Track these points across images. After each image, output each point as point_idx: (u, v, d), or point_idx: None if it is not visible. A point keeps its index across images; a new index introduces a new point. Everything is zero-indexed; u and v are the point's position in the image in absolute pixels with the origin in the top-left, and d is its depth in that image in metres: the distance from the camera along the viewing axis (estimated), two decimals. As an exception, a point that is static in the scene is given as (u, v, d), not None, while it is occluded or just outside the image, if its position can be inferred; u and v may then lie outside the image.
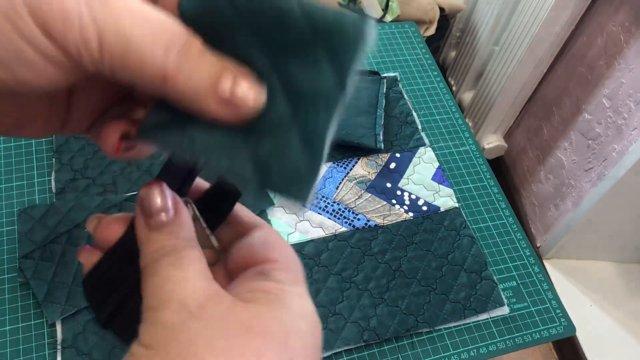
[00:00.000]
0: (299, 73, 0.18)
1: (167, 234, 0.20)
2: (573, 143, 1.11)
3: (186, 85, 0.17)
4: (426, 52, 0.71)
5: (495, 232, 0.56)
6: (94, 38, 0.15)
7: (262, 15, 0.18)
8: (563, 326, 0.52)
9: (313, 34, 0.17)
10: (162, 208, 0.20)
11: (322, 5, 0.18)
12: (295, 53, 0.18)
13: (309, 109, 0.18)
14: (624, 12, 0.96)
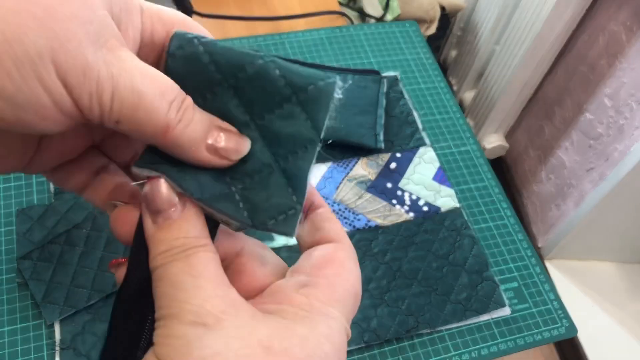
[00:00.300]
0: (277, 123, 0.21)
1: (176, 232, 0.18)
2: (574, 143, 1.10)
3: (183, 137, 0.18)
4: (427, 51, 0.71)
5: (496, 233, 0.56)
6: (109, 91, 0.17)
7: (243, 73, 0.20)
8: (565, 327, 0.51)
9: (289, 91, 0.20)
10: (169, 203, 0.19)
11: (295, 66, 0.21)
12: (273, 106, 0.20)
13: (288, 154, 0.21)
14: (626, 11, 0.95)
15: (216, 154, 0.19)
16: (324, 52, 0.68)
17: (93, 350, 0.44)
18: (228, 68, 0.20)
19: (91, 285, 0.46)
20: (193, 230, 0.19)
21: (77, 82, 0.16)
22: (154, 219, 0.19)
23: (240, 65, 0.20)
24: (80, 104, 0.16)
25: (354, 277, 0.21)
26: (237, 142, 0.20)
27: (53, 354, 0.43)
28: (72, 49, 0.15)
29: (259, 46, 0.67)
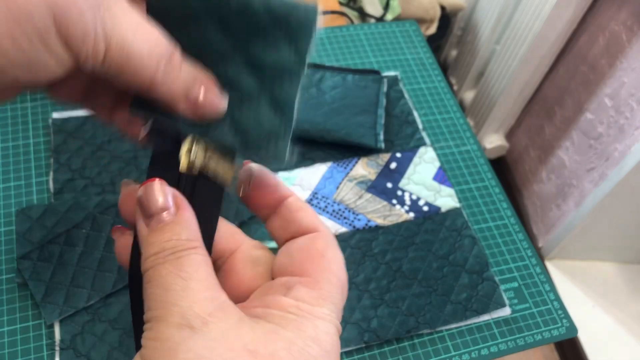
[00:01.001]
0: (261, 53, 0.21)
1: (168, 234, 0.18)
2: (575, 143, 1.10)
3: (165, 91, 0.20)
4: (427, 51, 0.71)
5: (496, 233, 0.56)
6: (102, 50, 0.18)
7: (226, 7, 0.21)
8: (565, 327, 0.51)
9: (272, 21, 0.21)
10: (162, 206, 0.19)
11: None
12: (257, 36, 0.21)
13: (275, 81, 0.21)
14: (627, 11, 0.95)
15: (193, 111, 0.21)
16: (324, 52, 0.68)
17: (93, 351, 0.44)
18: (213, 2, 0.21)
19: (91, 286, 0.46)
20: (185, 233, 0.19)
21: (76, 44, 0.18)
22: (147, 222, 0.19)
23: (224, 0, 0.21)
24: (77, 59, 0.18)
25: (337, 266, 0.20)
26: (214, 101, 0.21)
27: (53, 354, 0.43)
28: (73, 18, 0.17)
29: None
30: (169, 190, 0.20)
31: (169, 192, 0.20)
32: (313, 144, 0.58)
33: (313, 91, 0.61)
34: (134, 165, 0.54)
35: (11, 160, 0.53)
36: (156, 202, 0.19)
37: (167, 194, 0.19)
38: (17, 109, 0.57)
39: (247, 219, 0.51)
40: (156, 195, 0.19)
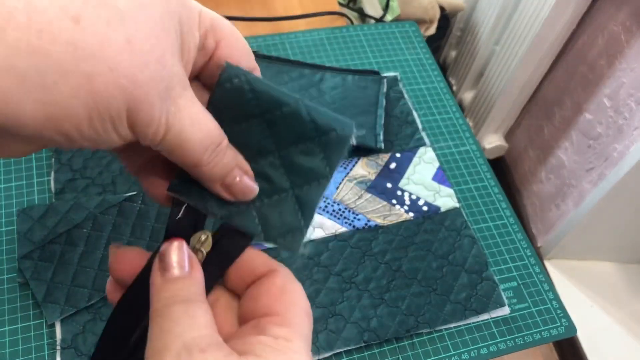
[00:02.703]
0: (297, 156, 0.24)
1: (181, 285, 0.21)
2: (574, 143, 1.11)
3: (207, 172, 0.23)
4: (426, 51, 0.71)
5: (496, 233, 0.56)
6: (162, 134, 0.20)
7: (278, 111, 0.24)
8: (564, 327, 0.51)
9: (314, 131, 0.24)
10: (179, 264, 0.22)
11: (323, 110, 0.24)
12: (298, 141, 0.24)
13: (304, 184, 0.24)
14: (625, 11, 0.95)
15: (227, 191, 0.24)
16: (324, 53, 0.68)
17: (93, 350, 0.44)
18: (267, 104, 0.23)
19: (92, 285, 0.46)
20: (194, 288, 0.22)
21: (141, 129, 0.20)
22: (162, 273, 0.22)
23: (277, 104, 0.24)
24: (138, 139, 0.21)
25: (299, 298, 0.23)
26: (248, 187, 0.24)
27: (54, 354, 0.43)
28: (145, 109, 0.19)
29: (258, 46, 0.67)
30: (187, 252, 0.23)
31: (187, 253, 0.23)
32: (313, 144, 0.59)
33: (313, 92, 0.61)
34: (134, 165, 0.54)
35: (12, 160, 0.54)
36: (175, 259, 0.22)
37: (185, 255, 0.22)
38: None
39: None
40: (175, 253, 0.22)
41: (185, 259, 0.22)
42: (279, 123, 0.24)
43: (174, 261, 0.22)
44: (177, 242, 0.23)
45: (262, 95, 0.23)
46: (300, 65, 0.63)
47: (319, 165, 0.24)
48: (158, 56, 0.19)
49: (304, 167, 0.24)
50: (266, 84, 0.24)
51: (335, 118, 0.24)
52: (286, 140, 0.24)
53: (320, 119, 0.24)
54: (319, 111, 0.24)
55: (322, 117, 0.24)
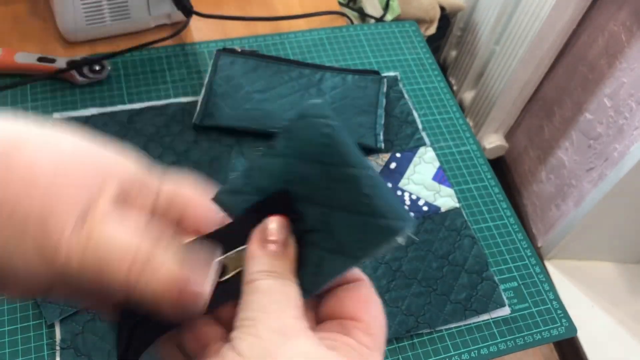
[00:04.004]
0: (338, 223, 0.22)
1: (279, 262, 0.22)
2: (574, 143, 1.10)
3: (146, 293, 0.21)
4: (427, 51, 0.71)
5: (496, 233, 0.56)
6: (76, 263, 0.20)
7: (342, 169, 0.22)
8: (564, 327, 0.51)
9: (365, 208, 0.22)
10: (279, 240, 0.22)
11: (386, 190, 0.22)
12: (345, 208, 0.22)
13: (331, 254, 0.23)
14: (626, 11, 0.95)
15: (177, 308, 0.21)
16: (324, 52, 0.68)
17: (93, 350, 0.44)
18: (336, 157, 0.22)
19: (91, 285, 0.46)
20: (289, 267, 0.22)
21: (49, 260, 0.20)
22: (261, 244, 0.22)
23: (345, 161, 0.22)
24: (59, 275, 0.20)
25: (381, 311, 0.23)
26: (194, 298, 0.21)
27: (54, 354, 0.43)
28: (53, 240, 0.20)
29: (258, 46, 0.67)
30: (287, 230, 0.23)
31: (286, 232, 0.23)
32: (313, 144, 0.59)
33: (313, 91, 0.61)
34: (134, 165, 0.54)
35: (12, 160, 0.53)
36: (276, 234, 0.22)
37: (285, 232, 0.23)
38: (18, 109, 0.57)
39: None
40: (277, 229, 0.23)
41: (284, 237, 0.23)
42: (337, 181, 0.22)
43: (274, 236, 0.22)
44: (280, 219, 0.23)
45: (335, 146, 0.23)
46: (300, 65, 0.63)
47: (352, 245, 0.22)
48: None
49: (338, 238, 0.22)
50: (347, 139, 0.23)
51: (395, 207, 0.22)
52: (336, 202, 0.23)
53: (379, 199, 0.22)
54: (382, 190, 0.22)
55: (382, 198, 0.22)
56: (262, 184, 0.24)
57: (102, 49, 0.64)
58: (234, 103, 0.59)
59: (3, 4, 0.67)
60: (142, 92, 0.61)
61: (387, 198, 0.22)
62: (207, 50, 0.66)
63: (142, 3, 0.63)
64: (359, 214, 0.22)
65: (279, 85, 0.61)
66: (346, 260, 0.22)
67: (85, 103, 0.58)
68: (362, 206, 0.22)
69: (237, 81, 0.60)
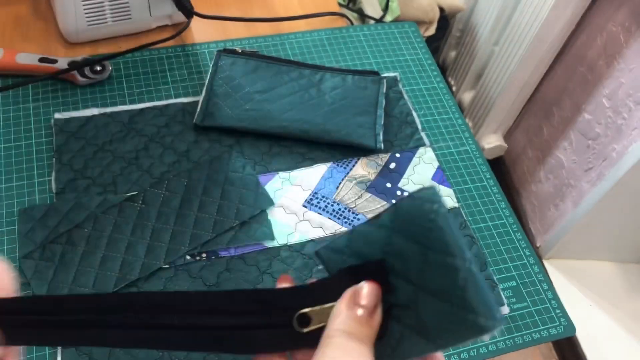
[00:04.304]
0: (426, 307, 0.23)
1: (359, 326, 0.23)
2: (573, 143, 1.11)
3: None
4: (426, 52, 0.71)
5: (495, 232, 0.57)
6: None
7: (440, 256, 0.23)
8: (563, 326, 0.52)
9: (457, 299, 0.22)
10: (368, 306, 0.23)
11: (483, 286, 0.22)
12: (437, 295, 0.22)
13: (412, 335, 0.23)
14: (624, 12, 0.96)
15: None
16: (324, 53, 0.68)
17: (94, 349, 0.44)
18: (436, 242, 0.23)
19: (92, 285, 0.46)
20: (369, 333, 0.23)
21: None
22: (349, 306, 0.23)
23: (445, 249, 0.23)
24: None
25: None
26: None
27: (55, 353, 0.43)
28: None
29: (259, 47, 0.68)
30: (377, 297, 0.24)
31: (376, 299, 0.24)
32: (313, 144, 0.59)
33: (313, 92, 0.62)
34: (135, 165, 0.55)
35: (13, 160, 0.54)
36: (366, 299, 0.24)
37: (374, 299, 0.24)
38: (20, 110, 0.57)
39: (248, 219, 0.52)
40: (369, 295, 0.24)
41: (373, 304, 0.24)
42: (434, 266, 0.23)
43: (364, 301, 0.23)
44: (373, 285, 0.24)
45: (439, 232, 0.23)
46: (300, 65, 0.64)
47: (436, 331, 0.22)
48: None
49: (425, 320, 0.23)
50: (452, 227, 0.23)
51: (488, 303, 0.22)
52: (429, 285, 0.23)
53: (473, 293, 0.22)
54: (477, 285, 0.22)
55: (476, 292, 0.22)
56: (362, 249, 0.25)
57: (103, 50, 0.65)
58: (234, 103, 0.59)
59: (4, 5, 0.67)
60: (143, 93, 0.61)
61: (482, 293, 0.22)
62: (207, 51, 0.66)
63: (143, 4, 0.64)
64: (450, 303, 0.22)
65: (279, 85, 0.61)
66: (427, 344, 0.23)
67: (87, 103, 0.59)
68: (454, 297, 0.22)
69: (237, 81, 0.61)
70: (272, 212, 0.53)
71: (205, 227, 0.50)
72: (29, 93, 0.59)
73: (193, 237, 0.50)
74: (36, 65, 0.59)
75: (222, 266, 0.50)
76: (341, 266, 0.26)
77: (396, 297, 0.24)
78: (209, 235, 0.50)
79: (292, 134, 0.58)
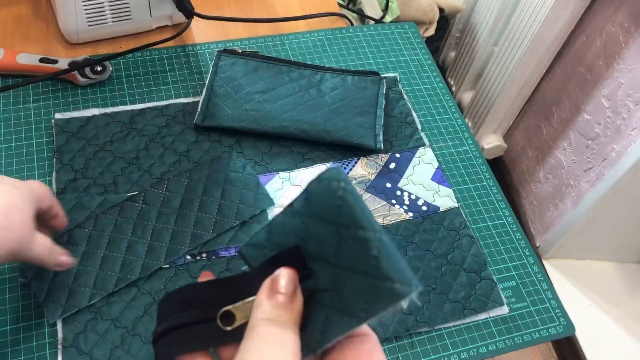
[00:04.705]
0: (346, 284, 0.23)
1: (281, 312, 0.23)
2: (572, 143, 1.11)
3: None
4: (426, 52, 0.71)
5: (494, 232, 0.57)
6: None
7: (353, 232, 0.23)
8: (562, 326, 0.52)
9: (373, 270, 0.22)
10: (286, 292, 0.24)
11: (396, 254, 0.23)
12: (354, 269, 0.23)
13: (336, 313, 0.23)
14: (623, 12, 0.96)
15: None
16: (323, 54, 0.69)
17: (95, 349, 0.44)
18: (346, 219, 0.23)
19: (93, 285, 0.46)
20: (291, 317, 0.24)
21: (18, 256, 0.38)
22: (269, 295, 0.24)
23: (355, 224, 0.23)
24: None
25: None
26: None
27: (55, 353, 0.44)
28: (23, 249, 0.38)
29: (259, 47, 0.68)
30: (295, 283, 0.24)
31: (294, 285, 0.24)
32: (313, 144, 0.59)
33: (313, 92, 0.62)
34: (136, 165, 0.55)
35: (14, 160, 0.54)
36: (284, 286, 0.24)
37: (293, 285, 0.24)
38: (20, 110, 0.57)
39: (249, 219, 0.52)
40: (287, 282, 0.24)
41: (292, 289, 0.24)
42: (348, 242, 0.23)
43: (283, 288, 0.24)
44: (289, 272, 0.24)
45: (347, 208, 0.23)
46: (300, 66, 0.64)
47: (357, 305, 0.23)
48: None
49: (345, 298, 0.23)
50: (359, 202, 0.24)
51: (402, 271, 0.22)
52: (346, 262, 0.23)
53: (386, 262, 0.22)
54: (390, 254, 0.22)
55: (389, 261, 0.22)
56: (281, 240, 0.25)
57: (103, 50, 0.65)
58: (234, 104, 0.59)
59: (5, 5, 0.68)
60: (143, 93, 0.61)
61: (396, 262, 0.22)
62: (208, 51, 0.66)
63: (143, 4, 0.64)
64: (366, 275, 0.22)
65: (280, 86, 0.61)
66: (351, 320, 0.23)
67: (87, 103, 0.59)
68: (369, 268, 0.22)
69: (237, 82, 0.61)
70: (273, 212, 0.53)
71: (206, 227, 0.51)
72: (30, 93, 0.59)
73: (193, 237, 0.50)
74: (37, 66, 0.59)
75: (222, 266, 0.50)
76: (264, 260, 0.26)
77: (317, 282, 0.24)
78: (209, 235, 0.50)
79: (292, 134, 0.58)
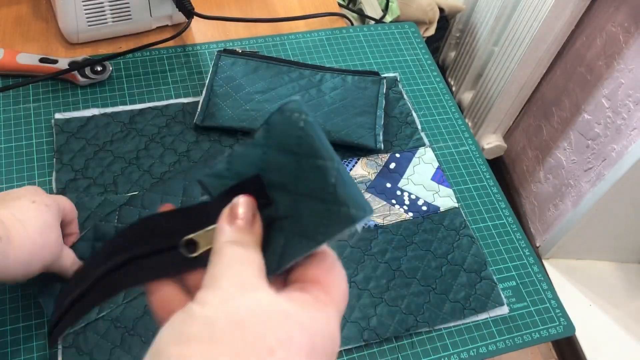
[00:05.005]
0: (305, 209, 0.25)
1: (242, 235, 0.24)
2: (572, 143, 1.11)
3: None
4: (426, 52, 0.71)
5: (494, 232, 0.57)
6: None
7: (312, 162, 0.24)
8: (562, 326, 0.52)
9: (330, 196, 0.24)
10: (245, 217, 0.25)
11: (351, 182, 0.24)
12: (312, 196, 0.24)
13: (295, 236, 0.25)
14: (624, 12, 0.96)
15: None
16: (324, 53, 0.69)
17: (95, 349, 0.44)
18: (306, 149, 0.24)
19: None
20: (253, 239, 0.25)
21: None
22: (229, 221, 0.25)
23: (314, 153, 0.24)
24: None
25: (343, 278, 0.25)
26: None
27: (55, 353, 0.44)
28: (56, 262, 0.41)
29: (259, 47, 0.68)
30: (253, 209, 0.25)
31: (252, 210, 0.25)
32: (313, 144, 0.59)
33: (313, 92, 0.62)
34: (136, 165, 0.55)
35: (14, 160, 0.54)
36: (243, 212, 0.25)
37: (251, 210, 0.25)
38: (20, 110, 0.57)
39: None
40: (245, 208, 0.25)
41: (250, 214, 0.25)
42: (307, 171, 0.24)
43: (242, 213, 0.25)
44: (247, 198, 0.25)
45: (308, 139, 0.24)
46: (300, 66, 0.64)
47: (315, 229, 0.24)
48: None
49: (303, 223, 0.25)
50: (319, 133, 0.25)
51: (357, 197, 0.24)
52: (304, 189, 0.25)
53: (342, 189, 0.24)
54: (345, 182, 0.24)
55: (345, 188, 0.24)
56: (241, 170, 0.26)
57: (103, 50, 0.65)
58: (234, 104, 0.59)
59: (5, 5, 0.68)
60: (143, 93, 0.61)
61: (350, 189, 0.24)
62: (208, 51, 0.66)
63: (143, 4, 0.64)
64: (324, 201, 0.24)
65: (280, 86, 0.61)
66: (309, 242, 0.24)
67: (87, 103, 0.59)
68: (327, 194, 0.24)
69: (237, 82, 0.61)
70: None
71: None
72: (30, 93, 0.59)
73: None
74: (37, 66, 0.59)
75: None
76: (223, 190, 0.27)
77: (277, 210, 0.26)
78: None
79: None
